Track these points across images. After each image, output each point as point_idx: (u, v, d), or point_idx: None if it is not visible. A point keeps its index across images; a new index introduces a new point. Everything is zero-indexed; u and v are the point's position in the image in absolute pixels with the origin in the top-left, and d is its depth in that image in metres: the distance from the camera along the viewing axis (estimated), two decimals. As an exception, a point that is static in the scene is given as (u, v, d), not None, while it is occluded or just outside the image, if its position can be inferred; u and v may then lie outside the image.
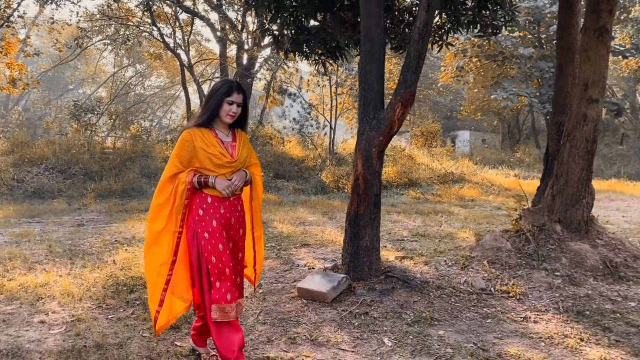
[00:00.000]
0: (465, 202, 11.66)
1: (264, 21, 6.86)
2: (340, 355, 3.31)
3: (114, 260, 5.70)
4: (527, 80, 21.38)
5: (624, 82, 33.84)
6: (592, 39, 5.01)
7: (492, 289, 4.49)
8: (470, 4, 7.30)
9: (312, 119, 17.07)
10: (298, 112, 17.07)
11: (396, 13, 7.12)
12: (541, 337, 3.61)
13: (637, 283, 4.71)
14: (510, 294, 4.42)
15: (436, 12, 7.49)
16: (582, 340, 3.55)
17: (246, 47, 19.91)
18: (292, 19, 6.46)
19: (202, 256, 2.88)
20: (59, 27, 16.99)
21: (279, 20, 6.55)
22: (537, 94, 21.45)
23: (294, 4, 6.37)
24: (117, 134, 21.52)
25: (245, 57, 19.58)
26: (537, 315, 4.05)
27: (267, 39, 17.90)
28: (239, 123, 3.08)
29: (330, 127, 16.96)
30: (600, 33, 4.98)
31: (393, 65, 24.16)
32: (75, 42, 16.76)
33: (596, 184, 15.20)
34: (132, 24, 18.61)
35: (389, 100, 4.59)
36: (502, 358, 3.27)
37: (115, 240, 6.94)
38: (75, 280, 4.86)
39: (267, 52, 19.79)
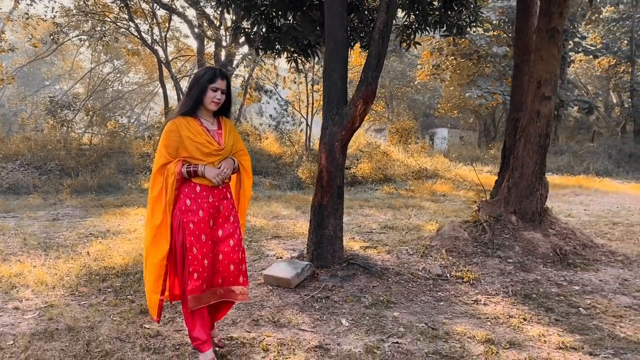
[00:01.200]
0: (437, 197, 11.99)
1: (236, 19, 7.04)
2: (300, 334, 3.54)
3: (87, 252, 5.85)
4: (501, 78, 21.87)
5: (597, 81, 34.71)
6: (545, 40, 5.32)
7: (447, 275, 4.77)
8: (436, 5, 7.57)
9: (288, 116, 17.26)
10: (275, 109, 17.25)
11: (366, 12, 7.36)
12: (488, 318, 3.89)
13: (584, 269, 5.03)
14: (464, 279, 4.70)
15: (404, 12, 7.78)
16: (525, 319, 3.84)
17: (224, 43, 20.01)
18: (263, 17, 6.65)
19: (184, 246, 2.90)
20: (34, 23, 16.86)
21: (250, 19, 6.75)
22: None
23: (265, 2, 6.56)
24: (95, 131, 21.43)
25: (223, 53, 19.68)
26: (487, 298, 4.33)
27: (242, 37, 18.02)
28: (223, 110, 3.08)
29: (307, 124, 17.17)
30: (551, 34, 5.28)
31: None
32: (51, 37, 16.68)
33: (565, 179, 15.70)
34: (109, 19, 18.55)
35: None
36: (449, 336, 3.53)
37: (90, 234, 7.07)
38: (49, 271, 5.00)
39: (245, 49, 19.91)
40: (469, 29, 7.97)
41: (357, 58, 21.85)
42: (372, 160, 15.48)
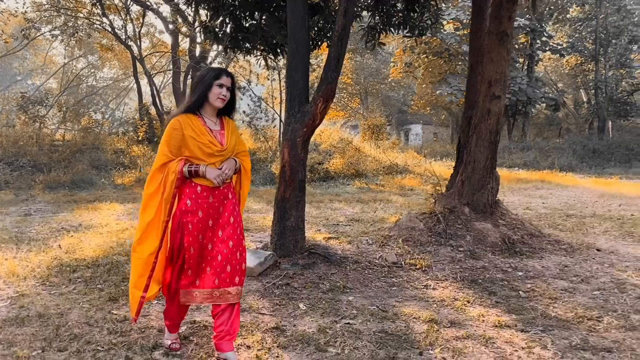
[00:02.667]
0: (405, 191, 12.36)
1: (205, 19, 7.24)
2: (259, 318, 3.80)
3: (59, 245, 6.02)
4: (471, 76, 22.39)
5: (568, 79, 35.65)
6: (495, 42, 5.66)
7: (402, 262, 5.09)
8: (400, 7, 7.89)
9: (261, 112, 17.46)
10: (248, 105, 17.43)
11: (333, 14, 7.63)
12: (435, 301, 4.21)
13: (529, 257, 5.41)
14: (417, 267, 5.03)
15: (369, 13, 8.08)
16: (468, 302, 4.17)
17: (199, 40, 20.06)
18: (231, 17, 6.87)
19: (182, 245, 2.92)
20: (5, 18, 16.71)
21: (219, 19, 6.96)
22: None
23: (233, 3, 6.78)
24: (68, 126, 21.30)
25: (198, 50, 19.74)
26: (437, 283, 4.65)
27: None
28: (227, 110, 3.06)
29: (280, 120, 17.39)
30: (501, 37, 5.63)
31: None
32: (22, 32, 16.55)
33: (530, 174, 16.22)
34: (82, 15, 18.47)
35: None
36: (397, 316, 3.84)
37: (62, 228, 7.21)
38: (20, 263, 5.17)
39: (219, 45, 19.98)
40: (432, 30, 8.34)
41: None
42: (345, 156, 15.80)
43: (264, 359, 3.07)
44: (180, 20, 18.45)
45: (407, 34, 7.99)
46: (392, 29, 8.01)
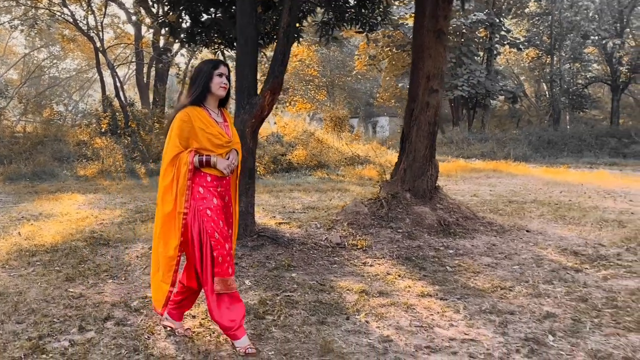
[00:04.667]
0: (363, 181, 12.80)
1: (162, 13, 7.49)
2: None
3: (19, 233, 6.22)
4: (432, 69, 23.02)
5: (530, 72, 36.74)
6: (432, 39, 6.10)
7: (345, 243, 5.50)
8: (352, 3, 8.28)
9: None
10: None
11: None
12: (369, 275, 4.63)
13: (462, 237, 5.90)
14: (359, 247, 5.45)
15: (323, 10, 8.44)
16: (399, 276, 4.61)
17: (163, 31, 20.05)
18: (187, 12, 7.13)
19: (205, 232, 2.92)
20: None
21: (175, 13, 7.21)
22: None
23: (190, -2, 7.04)
24: (29, 118, 21.04)
25: (162, 41, 19.74)
26: (374, 261, 5.08)
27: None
28: (224, 101, 3.15)
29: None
30: (438, 35, 6.07)
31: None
32: (-20, 23, 16.31)
33: (484, 164, 16.86)
34: (41, 6, 18.26)
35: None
36: (332, 289, 4.24)
37: (22, 217, 7.38)
38: (-20, 249, 5.38)
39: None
40: (382, 25, 8.77)
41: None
42: (307, 148, 16.17)
43: (206, 326, 3.42)
44: (143, 11, 18.43)
45: (359, 29, 8.40)
46: (345, 24, 8.41)
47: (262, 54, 12.32)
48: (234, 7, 7.09)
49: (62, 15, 18.44)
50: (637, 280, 4.48)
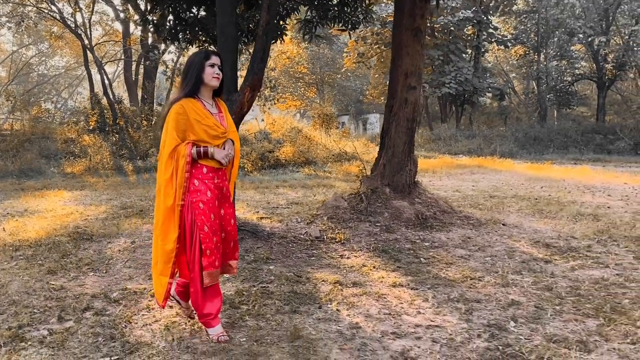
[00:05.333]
0: (350, 177, 12.93)
1: (145, 11, 7.57)
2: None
3: (3, 228, 6.30)
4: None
5: (517, 69, 37.04)
6: (410, 38, 6.23)
7: (324, 237, 5.63)
8: (335, 1, 8.40)
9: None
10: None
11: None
12: (346, 267, 4.76)
13: (438, 230, 6.05)
14: (337, 240, 5.58)
15: (306, 8, 8.55)
16: (374, 267, 4.74)
17: (151, 28, 20.05)
18: (170, 10, 7.22)
19: (195, 225, 3.00)
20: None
21: (158, 11, 7.29)
22: (430, 79, 23.38)
23: (172, -3, 7.12)
24: (17, 116, 21.00)
25: (150, 39, 19.75)
26: (351, 253, 5.21)
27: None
28: (218, 92, 3.19)
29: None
30: (415, 33, 6.21)
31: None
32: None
33: (470, 160, 17.00)
34: (29, 3, 18.22)
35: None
36: (308, 280, 4.37)
37: (7, 213, 7.45)
38: (-36, 244, 5.46)
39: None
40: (364, 23, 8.90)
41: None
42: (295, 145, 16.29)
43: (182, 315, 3.53)
44: (130, 9, 18.42)
45: (342, 27, 8.52)
46: (328, 22, 8.53)
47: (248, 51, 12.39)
48: (215, 6, 7.20)
49: (50, 13, 18.40)
50: (602, 270, 4.65)
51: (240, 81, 6.17)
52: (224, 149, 3.09)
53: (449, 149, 21.21)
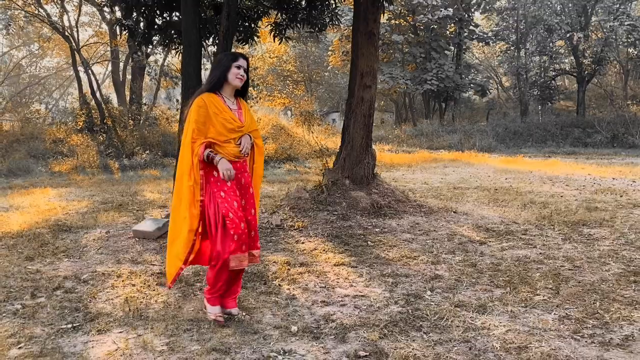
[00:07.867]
0: (327, 172, 13.44)
1: (120, 16, 8.02)
2: (149, 268, 4.73)
3: (-12, 222, 6.76)
4: (403, 64, 23.71)
5: (500, 65, 37.60)
6: (365, 40, 6.72)
7: (285, 225, 6.12)
8: (303, 5, 8.87)
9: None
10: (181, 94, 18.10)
11: (243, 10, 8.50)
12: (298, 250, 5.25)
13: (391, 218, 6.54)
14: (296, 227, 6.07)
15: (276, 11, 9.02)
16: (324, 250, 5.23)
17: (126, 33, 20.45)
18: (143, 15, 7.67)
19: (220, 213, 3.17)
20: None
21: (132, 16, 7.74)
22: (413, 76, 23.90)
23: (145, 2, 7.57)
24: (7, 117, 21.37)
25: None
26: (307, 239, 5.70)
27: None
28: (242, 92, 3.40)
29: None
30: (369, 36, 6.69)
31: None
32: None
33: (446, 155, 17.43)
34: (17, 6, 18.57)
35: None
36: (262, 262, 4.84)
37: (-7, 209, 7.90)
38: (-49, 236, 5.91)
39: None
40: (331, 26, 9.38)
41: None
42: (277, 141, 16.77)
43: (143, 292, 4.02)
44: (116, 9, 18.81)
45: (309, 30, 9.00)
46: (297, 25, 9.00)
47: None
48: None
49: (38, 16, 18.77)
50: (529, 250, 5.15)
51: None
52: (240, 143, 3.29)
53: (431, 144, 21.73)
